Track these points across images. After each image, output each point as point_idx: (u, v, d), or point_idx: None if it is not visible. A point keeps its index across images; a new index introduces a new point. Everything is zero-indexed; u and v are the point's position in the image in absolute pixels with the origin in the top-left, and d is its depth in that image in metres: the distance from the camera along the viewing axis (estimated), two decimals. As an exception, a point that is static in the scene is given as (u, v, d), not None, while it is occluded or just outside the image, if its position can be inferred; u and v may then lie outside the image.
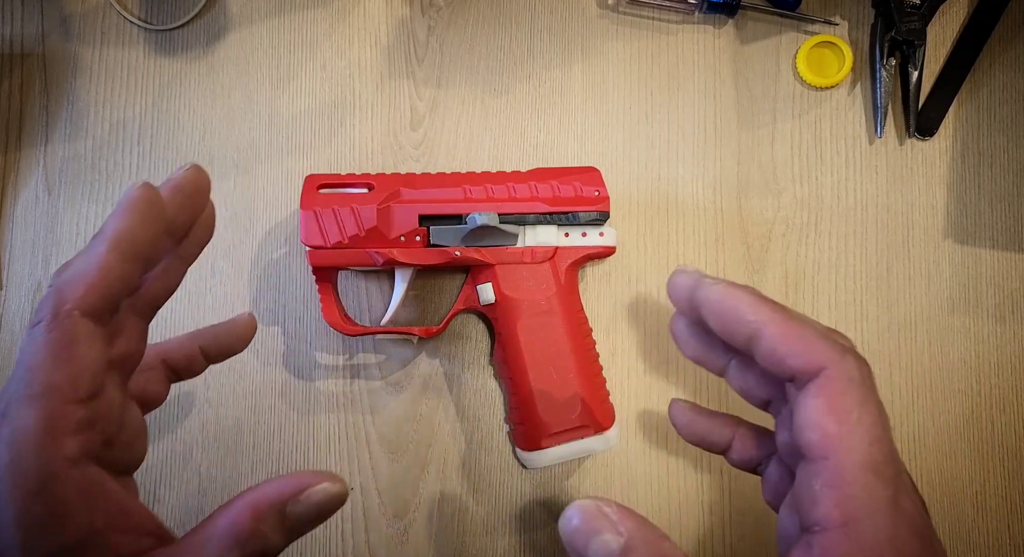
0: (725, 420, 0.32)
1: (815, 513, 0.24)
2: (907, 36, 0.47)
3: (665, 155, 0.49)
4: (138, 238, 0.26)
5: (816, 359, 0.25)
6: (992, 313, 0.48)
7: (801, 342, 0.25)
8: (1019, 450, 0.47)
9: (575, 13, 0.50)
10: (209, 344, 0.36)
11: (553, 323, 0.43)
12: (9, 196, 0.48)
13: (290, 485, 0.25)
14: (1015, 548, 0.46)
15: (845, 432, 0.24)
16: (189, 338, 0.35)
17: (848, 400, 0.24)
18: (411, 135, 0.49)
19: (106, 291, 0.25)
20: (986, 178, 0.48)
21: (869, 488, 0.23)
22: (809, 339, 0.25)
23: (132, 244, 0.25)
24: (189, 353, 0.35)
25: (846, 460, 0.23)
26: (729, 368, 0.30)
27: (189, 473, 0.47)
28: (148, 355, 0.33)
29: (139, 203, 0.26)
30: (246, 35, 0.49)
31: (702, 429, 0.33)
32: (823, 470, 0.24)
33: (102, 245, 0.25)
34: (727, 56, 0.49)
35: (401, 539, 0.46)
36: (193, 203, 0.29)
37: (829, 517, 0.23)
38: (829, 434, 0.24)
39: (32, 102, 0.49)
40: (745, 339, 0.26)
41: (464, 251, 0.43)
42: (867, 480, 0.23)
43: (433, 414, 0.47)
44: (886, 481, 0.23)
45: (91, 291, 0.25)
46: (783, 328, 0.25)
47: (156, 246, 0.27)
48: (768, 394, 0.29)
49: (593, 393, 0.43)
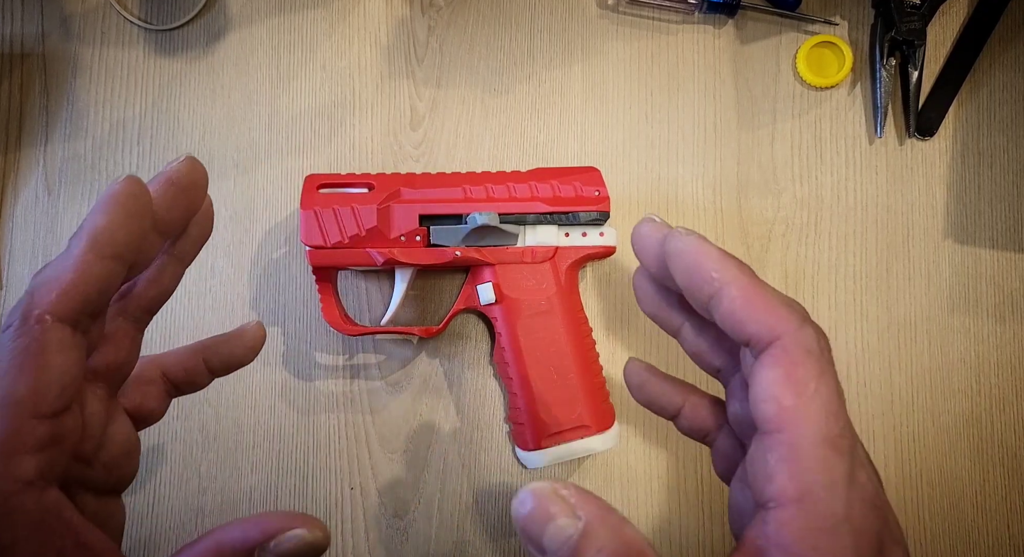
0: (678, 386, 0.31)
1: (770, 488, 0.23)
2: (907, 36, 0.47)
3: (665, 155, 0.49)
4: (119, 236, 0.23)
5: (775, 326, 0.24)
6: (992, 313, 0.48)
7: (762, 307, 0.24)
8: (1019, 450, 0.47)
9: (575, 13, 0.50)
10: (213, 356, 0.32)
11: (553, 323, 0.43)
12: (9, 196, 0.48)
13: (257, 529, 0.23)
14: (1015, 548, 0.46)
15: (802, 405, 0.23)
16: (191, 350, 0.32)
17: (805, 372, 0.23)
18: (411, 135, 0.49)
19: (83, 294, 0.23)
20: (986, 178, 0.48)
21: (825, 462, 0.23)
22: (771, 305, 0.24)
23: (112, 242, 0.23)
24: (191, 366, 0.32)
25: (802, 434, 0.23)
26: (682, 329, 0.29)
27: (189, 473, 0.47)
28: (146, 368, 0.31)
29: (121, 197, 0.23)
30: (246, 35, 0.49)
31: (654, 391, 0.32)
32: (778, 444, 0.23)
33: (79, 244, 0.23)
34: (727, 56, 0.49)
35: (401, 539, 0.46)
36: (188, 198, 0.26)
37: (784, 492, 0.23)
38: (785, 407, 0.23)
39: (32, 102, 0.49)
40: (707, 297, 0.25)
41: (464, 251, 0.43)
42: (823, 454, 0.23)
43: (433, 414, 0.47)
44: (842, 455, 0.23)
45: (65, 294, 0.22)
46: (746, 290, 0.24)
47: (141, 245, 0.24)
48: (720, 361, 0.29)
49: (593, 393, 0.43)
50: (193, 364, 0.31)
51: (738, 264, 0.25)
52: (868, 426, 0.47)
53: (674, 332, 0.30)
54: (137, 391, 0.30)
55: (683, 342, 0.30)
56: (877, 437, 0.47)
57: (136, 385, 0.30)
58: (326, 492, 0.46)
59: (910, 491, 0.46)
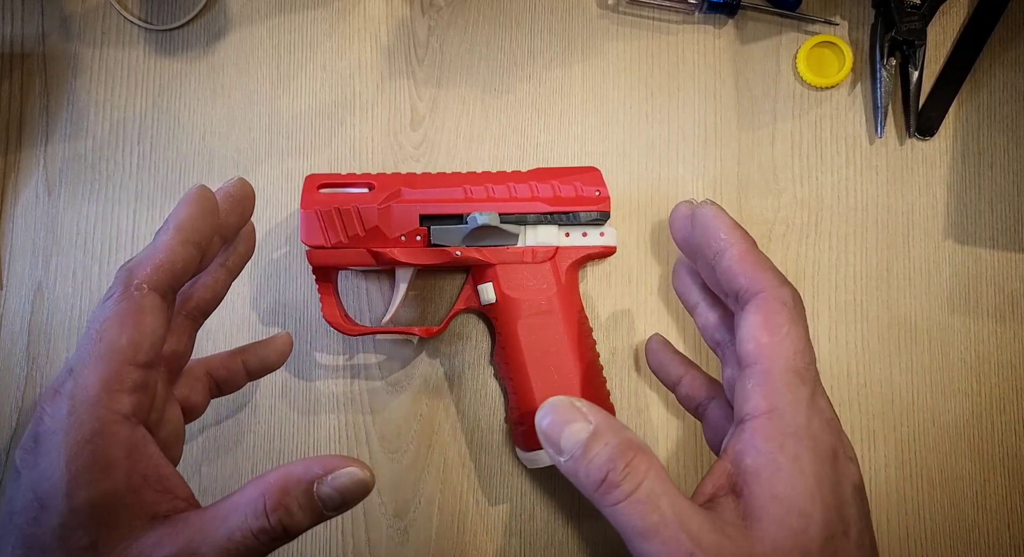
0: (683, 360, 0.39)
1: (747, 406, 0.29)
2: (907, 36, 0.47)
3: (665, 155, 0.49)
4: (198, 226, 0.29)
5: (760, 281, 0.30)
6: (992, 313, 0.48)
7: (753, 266, 0.30)
8: (1019, 450, 0.47)
9: (575, 13, 0.50)
10: (251, 358, 0.38)
11: (553, 323, 0.43)
12: (9, 196, 0.48)
13: (319, 465, 0.27)
14: (1015, 548, 0.46)
15: (776, 342, 0.29)
16: (231, 353, 0.38)
17: (780, 317, 0.29)
18: (411, 135, 0.49)
19: (171, 269, 0.28)
20: (986, 178, 0.48)
21: (791, 386, 0.28)
22: (759, 266, 0.31)
23: (193, 231, 0.29)
24: (232, 367, 0.37)
25: (774, 364, 0.28)
26: (699, 305, 0.36)
27: (189, 473, 0.47)
28: (194, 366, 0.36)
29: (198, 196, 0.30)
30: (246, 35, 0.49)
31: (663, 359, 0.40)
32: (755, 373, 0.29)
33: (166, 233, 0.29)
34: (727, 56, 0.49)
35: (401, 539, 0.46)
36: (242, 207, 0.33)
37: (758, 407, 0.28)
38: (762, 344, 0.29)
39: (32, 102, 0.49)
40: (713, 253, 0.31)
41: (465, 251, 0.43)
42: (790, 379, 0.28)
43: (433, 414, 0.47)
44: (805, 383, 0.28)
45: (158, 269, 0.28)
46: (743, 252, 0.31)
47: (211, 238, 0.30)
48: (721, 336, 0.35)
49: (593, 393, 0.43)
50: (234, 365, 0.37)
51: (743, 233, 0.32)
52: (868, 426, 0.47)
53: (691, 307, 0.37)
54: (186, 385, 0.35)
55: (696, 317, 0.37)
56: (877, 437, 0.47)
57: (185, 381, 0.35)
58: (326, 492, 0.46)
59: (910, 491, 0.46)
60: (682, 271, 0.38)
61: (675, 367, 0.39)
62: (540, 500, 0.47)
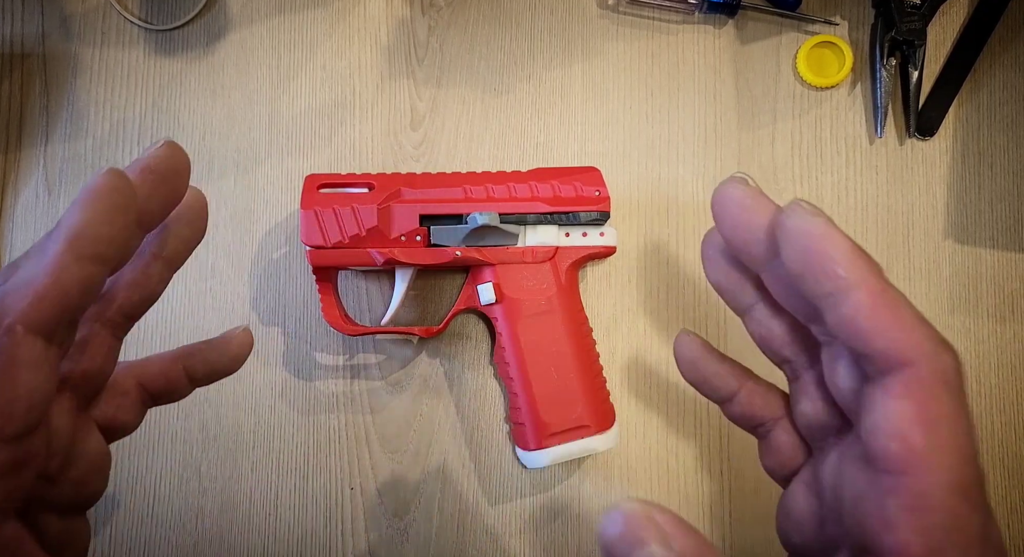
0: (735, 369, 0.28)
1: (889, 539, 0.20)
2: (907, 36, 0.47)
3: (665, 155, 0.49)
4: (101, 234, 0.20)
5: (908, 348, 0.20)
6: (992, 313, 0.48)
7: (894, 322, 0.20)
8: (1019, 450, 0.47)
9: (575, 13, 0.50)
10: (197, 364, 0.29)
11: (553, 323, 0.43)
12: (9, 196, 0.48)
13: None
14: (1015, 548, 0.46)
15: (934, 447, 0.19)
16: (171, 357, 0.29)
17: (941, 408, 0.20)
18: (411, 135, 0.49)
19: (59, 301, 0.20)
20: (986, 178, 0.48)
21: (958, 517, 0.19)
22: (905, 320, 0.20)
23: (93, 242, 0.20)
24: (171, 375, 0.28)
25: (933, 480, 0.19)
26: (753, 309, 0.26)
27: (189, 473, 0.47)
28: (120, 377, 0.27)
29: (103, 191, 0.21)
30: (246, 35, 0.49)
31: (708, 371, 0.28)
32: (902, 489, 0.20)
33: (55, 244, 0.20)
34: (727, 56, 0.49)
35: (401, 539, 0.46)
36: (168, 187, 0.23)
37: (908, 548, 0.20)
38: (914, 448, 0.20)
39: (32, 102, 0.49)
40: (824, 293, 0.21)
41: (465, 251, 0.43)
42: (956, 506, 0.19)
43: (433, 414, 0.47)
44: (976, 508, 0.20)
45: (40, 301, 0.20)
46: (876, 298, 0.20)
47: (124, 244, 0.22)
48: (792, 353, 0.25)
49: (593, 393, 0.43)
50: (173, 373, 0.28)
51: (869, 263, 0.21)
52: (868, 426, 0.47)
53: (741, 311, 0.26)
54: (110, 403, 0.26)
55: (750, 323, 0.26)
56: (877, 437, 0.47)
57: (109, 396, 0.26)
58: (326, 492, 0.46)
59: (910, 491, 0.46)
60: (718, 257, 0.26)
61: (725, 379, 0.28)
62: (540, 500, 0.47)
